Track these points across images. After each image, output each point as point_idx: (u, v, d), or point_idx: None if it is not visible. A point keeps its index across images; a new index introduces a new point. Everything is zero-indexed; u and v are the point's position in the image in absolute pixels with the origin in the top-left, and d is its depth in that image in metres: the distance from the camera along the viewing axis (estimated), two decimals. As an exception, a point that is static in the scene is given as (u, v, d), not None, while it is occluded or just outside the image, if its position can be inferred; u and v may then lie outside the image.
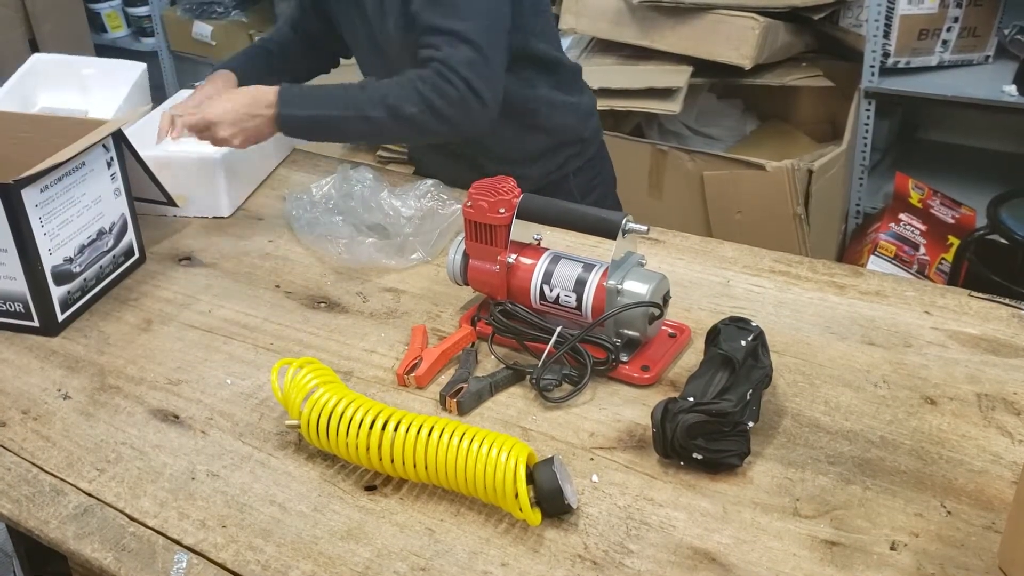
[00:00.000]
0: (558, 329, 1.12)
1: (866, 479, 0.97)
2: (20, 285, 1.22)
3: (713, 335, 1.08)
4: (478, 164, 1.52)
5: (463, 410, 1.08)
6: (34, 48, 3.59)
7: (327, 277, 1.38)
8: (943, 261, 2.57)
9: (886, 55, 2.54)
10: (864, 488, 0.96)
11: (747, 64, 2.50)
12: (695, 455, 0.97)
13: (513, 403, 1.10)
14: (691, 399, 0.97)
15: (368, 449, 0.97)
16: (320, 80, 1.65)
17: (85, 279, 1.30)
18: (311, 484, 1.00)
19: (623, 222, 1.12)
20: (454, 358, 1.17)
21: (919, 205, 2.67)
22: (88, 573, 0.95)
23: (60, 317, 1.26)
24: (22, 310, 1.24)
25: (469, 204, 1.18)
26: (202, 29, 4.05)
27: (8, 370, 1.19)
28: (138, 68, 1.73)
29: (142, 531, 0.94)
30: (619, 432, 1.05)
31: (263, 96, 1.37)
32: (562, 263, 1.16)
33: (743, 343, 1.03)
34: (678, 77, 2.56)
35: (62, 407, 1.12)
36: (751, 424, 0.98)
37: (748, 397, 0.99)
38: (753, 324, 1.07)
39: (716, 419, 0.96)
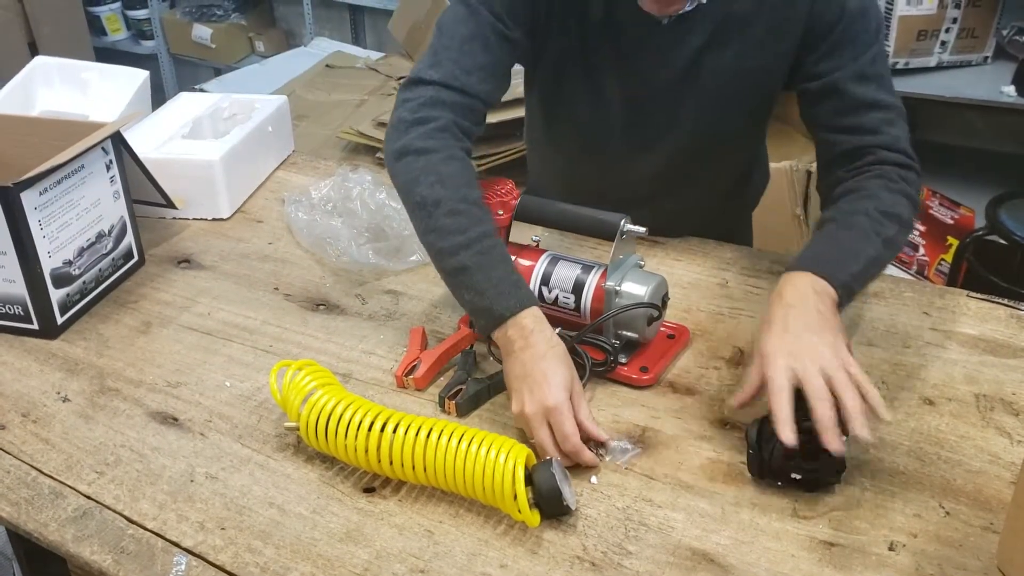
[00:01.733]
0: (557, 330, 1.12)
1: (864, 480, 0.97)
2: (19, 288, 1.22)
3: None
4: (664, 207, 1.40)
5: (462, 412, 1.09)
6: (33, 51, 3.59)
7: (326, 279, 1.38)
8: (942, 262, 2.57)
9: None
10: (862, 489, 0.96)
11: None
12: (793, 475, 0.94)
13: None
14: None
15: (367, 451, 0.97)
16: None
17: (84, 282, 1.30)
18: (310, 486, 1.00)
19: (621, 223, 1.12)
20: (453, 360, 1.17)
21: (918, 206, 2.67)
22: None
23: (59, 320, 1.26)
24: (21, 313, 1.24)
25: (468, 206, 1.16)
26: (202, 32, 4.05)
27: (7, 373, 1.19)
28: (140, 75, 1.72)
29: (141, 533, 0.94)
30: (618, 433, 1.05)
31: (791, 289, 1.03)
32: (560, 264, 1.16)
33: None
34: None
35: (61, 410, 1.12)
36: (844, 439, 0.94)
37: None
38: None
39: (814, 438, 0.93)
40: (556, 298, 1.15)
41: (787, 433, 0.91)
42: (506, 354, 1.05)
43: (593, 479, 0.99)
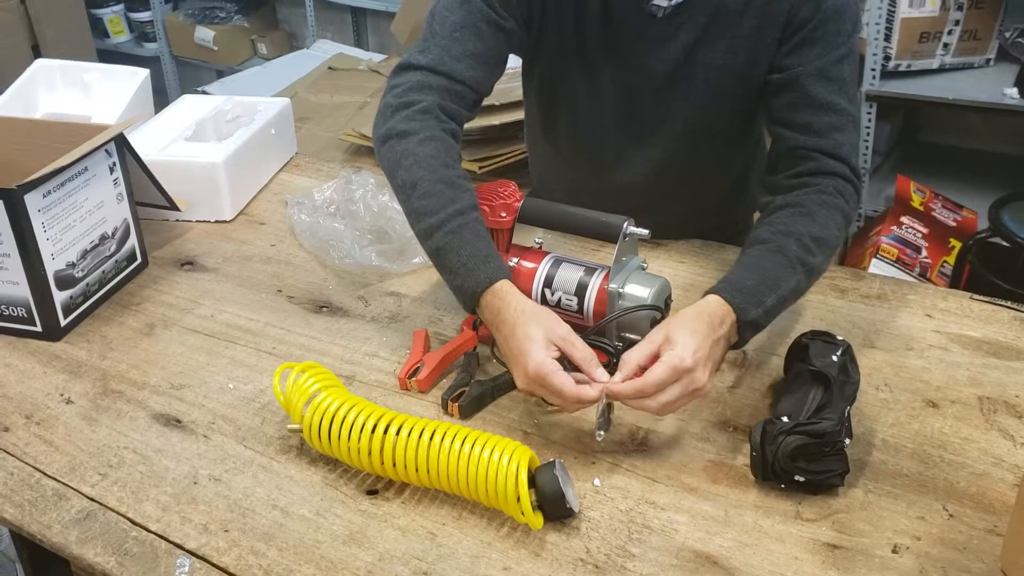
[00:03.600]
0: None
1: (868, 482, 0.97)
2: (23, 290, 1.22)
3: (798, 351, 1.07)
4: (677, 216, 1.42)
5: (465, 414, 1.09)
6: (36, 53, 3.60)
7: (329, 281, 1.38)
8: (945, 264, 2.57)
9: (887, 58, 2.55)
10: (866, 491, 0.96)
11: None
12: (797, 477, 0.95)
13: (515, 407, 1.10)
14: (785, 419, 0.96)
15: (370, 453, 0.97)
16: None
17: (87, 284, 1.30)
18: (313, 488, 1.00)
19: (624, 225, 1.12)
20: (456, 362, 1.17)
21: (921, 208, 2.67)
22: (91, 577, 0.95)
23: (63, 322, 1.26)
24: (25, 315, 1.24)
25: (471, 208, 1.17)
26: (204, 34, 4.06)
27: (11, 375, 1.20)
28: (141, 74, 1.73)
29: (144, 535, 0.95)
30: (621, 435, 1.05)
31: (714, 312, 1.03)
32: (563, 267, 1.16)
33: (834, 358, 1.02)
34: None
35: (65, 412, 1.13)
36: (847, 441, 0.96)
37: (847, 415, 0.98)
38: (839, 339, 1.06)
39: (817, 440, 0.94)
40: (559, 300, 1.15)
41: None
42: (493, 334, 1.08)
43: (596, 481, 0.99)
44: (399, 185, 1.14)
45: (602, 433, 1.01)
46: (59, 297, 1.25)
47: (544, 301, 1.16)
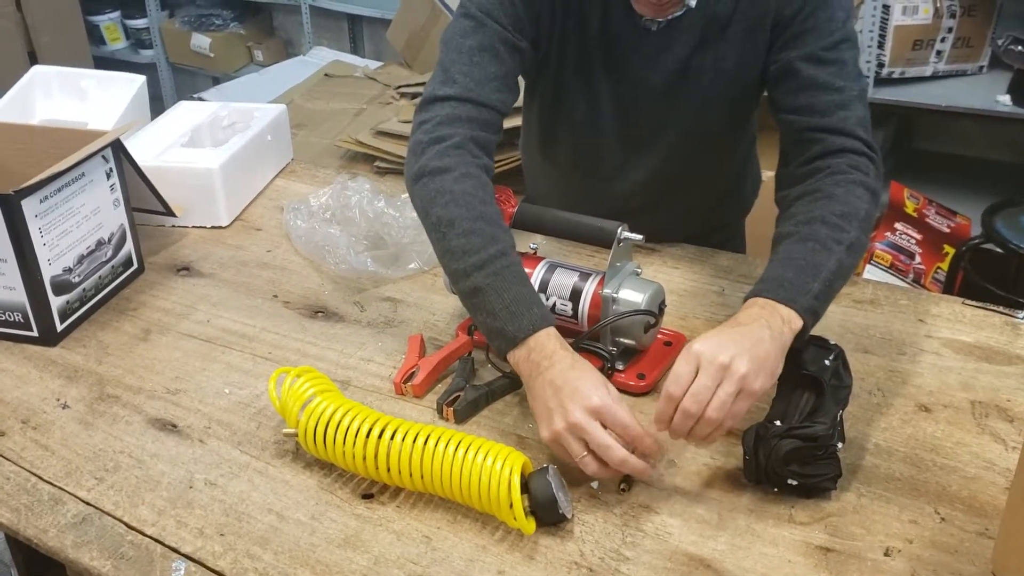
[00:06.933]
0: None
1: (860, 486, 0.98)
2: (19, 295, 1.22)
3: (792, 355, 1.05)
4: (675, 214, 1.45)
5: (460, 419, 1.09)
6: (33, 60, 3.60)
7: (324, 287, 1.38)
8: (939, 270, 2.58)
9: (881, 65, 2.56)
10: (858, 495, 0.97)
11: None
12: (790, 481, 0.95)
13: (509, 411, 1.11)
14: (778, 423, 0.96)
15: (365, 458, 0.97)
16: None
17: (84, 289, 1.31)
18: (308, 492, 1.00)
19: (619, 231, 1.12)
20: (451, 367, 1.17)
21: (915, 214, 2.68)
22: (86, 582, 0.95)
23: (59, 327, 1.27)
24: (21, 320, 1.24)
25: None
26: (200, 41, 4.07)
27: (7, 380, 1.20)
28: (137, 80, 1.74)
29: (140, 539, 0.95)
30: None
31: (748, 314, 1.01)
32: (558, 272, 1.17)
33: (827, 363, 1.02)
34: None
35: (61, 416, 1.13)
36: (840, 445, 0.96)
37: (839, 419, 0.98)
38: (832, 343, 1.06)
39: (810, 443, 0.94)
40: (554, 305, 1.15)
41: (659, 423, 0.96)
42: (530, 378, 1.00)
43: (594, 484, 0.99)
44: (433, 223, 1.10)
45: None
46: (55, 302, 1.25)
47: (539, 306, 1.16)
